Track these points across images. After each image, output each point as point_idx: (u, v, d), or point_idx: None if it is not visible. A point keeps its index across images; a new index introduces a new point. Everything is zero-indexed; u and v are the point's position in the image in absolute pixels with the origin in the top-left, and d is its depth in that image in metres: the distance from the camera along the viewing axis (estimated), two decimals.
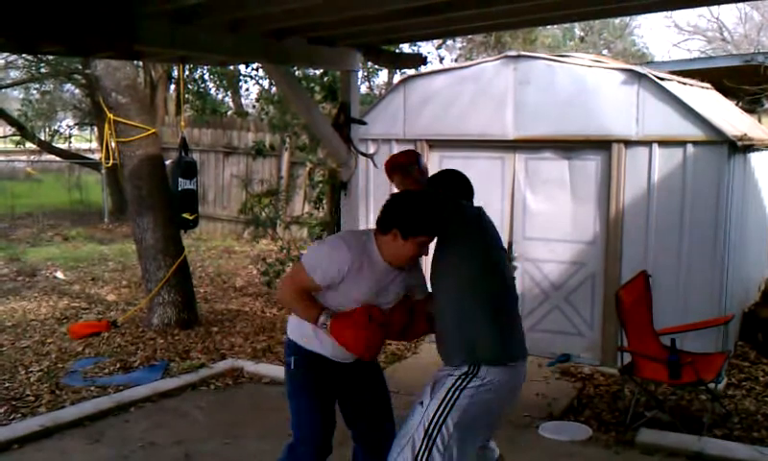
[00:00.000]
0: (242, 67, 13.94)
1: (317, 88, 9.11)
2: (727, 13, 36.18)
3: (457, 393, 3.49)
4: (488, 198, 7.41)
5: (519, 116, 7.19)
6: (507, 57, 7.35)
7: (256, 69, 12.78)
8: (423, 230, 3.53)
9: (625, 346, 5.83)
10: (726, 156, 6.37)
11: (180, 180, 7.89)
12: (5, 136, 22.14)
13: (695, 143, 6.47)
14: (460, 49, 20.22)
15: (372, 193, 7.93)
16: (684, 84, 7.36)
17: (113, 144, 8.32)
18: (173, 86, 18.74)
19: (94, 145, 23.84)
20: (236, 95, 20.50)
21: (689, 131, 6.47)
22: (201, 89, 18.06)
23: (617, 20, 27.01)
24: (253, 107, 18.98)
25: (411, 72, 7.87)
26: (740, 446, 5.32)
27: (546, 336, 7.27)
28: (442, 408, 3.50)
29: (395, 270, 3.67)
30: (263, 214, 9.42)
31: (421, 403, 3.59)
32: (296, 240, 9.66)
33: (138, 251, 8.51)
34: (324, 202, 8.84)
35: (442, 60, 17.00)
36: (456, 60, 18.68)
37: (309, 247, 3.73)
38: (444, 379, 3.56)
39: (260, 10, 4.84)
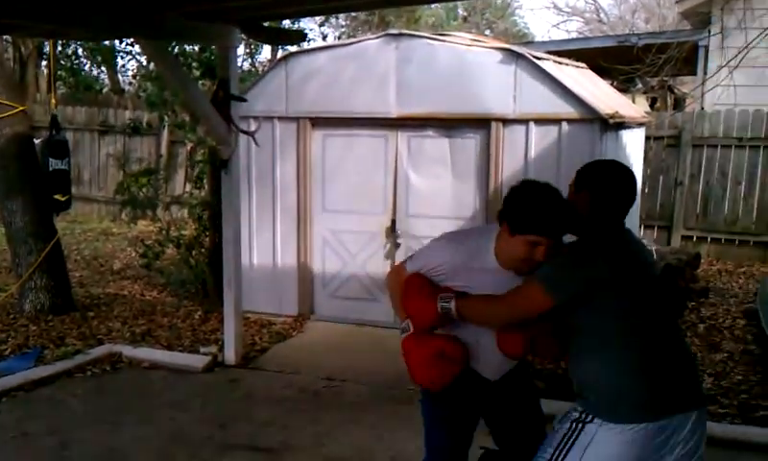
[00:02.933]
0: (117, 42, 13.44)
1: (195, 65, 8.88)
2: None
3: (565, 450, 2.92)
4: (371, 176, 7.50)
5: (402, 94, 7.22)
6: (389, 35, 7.36)
7: (132, 44, 12.35)
8: (533, 227, 2.95)
9: None
10: (598, 132, 6.59)
11: (50, 159, 7.54)
12: None
13: (569, 121, 6.66)
14: (343, 27, 20.23)
15: (254, 171, 7.81)
16: (561, 63, 7.56)
17: None
18: (44, 62, 17.92)
19: None
20: (112, 71, 19.80)
21: (564, 109, 6.65)
22: (74, 65, 17.34)
23: (499, 0, 27.76)
24: (130, 84, 18.38)
25: (293, 49, 7.78)
26: None
27: None
28: None
29: (510, 277, 3.09)
30: (141, 194, 9.11)
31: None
32: (176, 221, 9.42)
33: (7, 234, 8.12)
34: (205, 181, 8.63)
35: (325, 37, 16.97)
36: (339, 38, 18.64)
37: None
38: (562, 423, 3.01)
39: None
